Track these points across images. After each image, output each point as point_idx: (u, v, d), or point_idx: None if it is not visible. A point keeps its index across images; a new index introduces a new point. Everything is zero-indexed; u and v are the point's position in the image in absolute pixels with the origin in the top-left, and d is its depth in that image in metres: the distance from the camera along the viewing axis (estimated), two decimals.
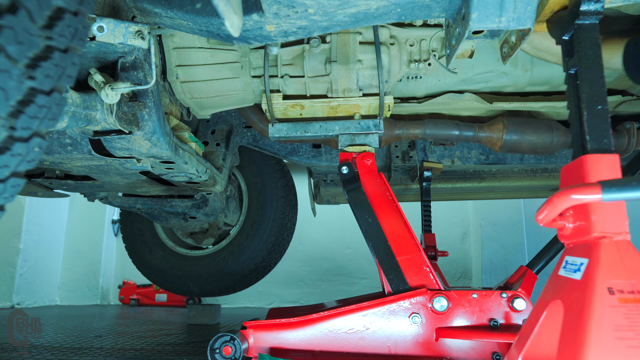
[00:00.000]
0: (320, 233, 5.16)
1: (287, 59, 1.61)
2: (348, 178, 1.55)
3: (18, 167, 0.66)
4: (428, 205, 2.10)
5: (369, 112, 1.64)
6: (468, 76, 1.74)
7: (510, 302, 1.28)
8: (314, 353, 1.29)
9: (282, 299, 5.12)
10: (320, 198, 2.66)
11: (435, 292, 1.31)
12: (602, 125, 0.89)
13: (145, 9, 1.08)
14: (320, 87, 1.63)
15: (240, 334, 1.27)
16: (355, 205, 1.49)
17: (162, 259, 2.65)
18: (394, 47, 1.59)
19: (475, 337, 1.24)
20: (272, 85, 1.62)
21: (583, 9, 0.93)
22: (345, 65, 1.56)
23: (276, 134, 1.67)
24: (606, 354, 0.70)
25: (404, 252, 1.40)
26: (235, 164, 2.21)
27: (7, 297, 4.58)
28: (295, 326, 1.31)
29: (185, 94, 1.68)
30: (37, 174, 1.74)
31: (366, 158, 1.58)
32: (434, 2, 1.03)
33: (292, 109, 1.64)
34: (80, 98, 1.07)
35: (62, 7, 0.67)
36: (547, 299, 0.87)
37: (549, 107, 1.77)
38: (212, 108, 1.81)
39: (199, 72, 1.63)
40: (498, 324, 1.27)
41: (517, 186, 2.43)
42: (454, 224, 5.10)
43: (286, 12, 1.01)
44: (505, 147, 1.75)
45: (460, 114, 1.91)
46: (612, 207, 0.81)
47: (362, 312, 1.32)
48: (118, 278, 5.60)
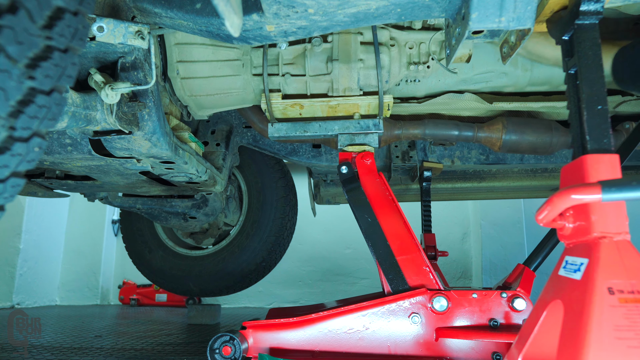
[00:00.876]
0: (320, 233, 5.16)
1: (288, 58, 1.62)
2: (348, 178, 1.55)
3: (18, 167, 0.66)
4: (428, 205, 2.10)
5: (369, 112, 1.64)
6: (468, 76, 1.74)
7: (510, 302, 1.28)
8: (314, 353, 1.29)
9: (282, 299, 5.12)
10: (320, 198, 2.66)
11: (435, 292, 1.31)
12: (602, 125, 0.89)
13: (145, 9, 1.08)
14: (321, 87, 1.63)
15: (240, 334, 1.27)
16: (354, 205, 1.49)
17: (162, 259, 2.65)
18: (394, 49, 1.60)
19: (476, 337, 1.24)
20: (272, 84, 1.62)
21: (583, 9, 0.93)
22: (346, 63, 1.56)
23: (275, 133, 1.68)
24: (606, 354, 0.70)
25: (403, 252, 1.40)
26: (235, 164, 2.21)
27: (7, 297, 4.58)
28: (295, 326, 1.31)
29: (184, 90, 1.67)
30: (37, 174, 1.74)
31: (366, 158, 1.58)
32: (433, 2, 1.03)
33: (291, 109, 1.64)
34: (80, 98, 1.07)
35: (62, 7, 0.67)
36: (547, 299, 0.87)
37: (549, 107, 1.77)
38: (210, 108, 1.80)
39: (200, 69, 1.63)
40: (498, 323, 1.27)
41: (517, 186, 2.44)
42: (454, 224, 5.10)
43: (286, 12, 1.01)
44: (505, 147, 1.75)
45: (460, 114, 1.91)
46: (612, 207, 0.81)
47: (362, 312, 1.31)
48: (118, 278, 5.60)
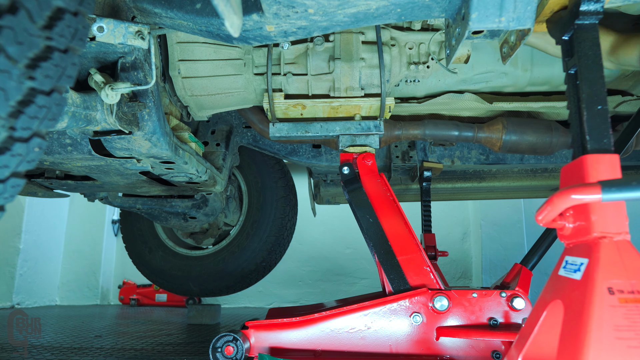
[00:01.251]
0: (320, 233, 5.16)
1: (290, 58, 1.62)
2: (349, 178, 1.56)
3: (18, 168, 0.66)
4: (428, 205, 2.10)
5: (370, 113, 1.64)
6: (468, 76, 1.74)
7: (509, 302, 1.29)
8: (315, 352, 1.29)
9: (282, 299, 5.12)
10: (320, 198, 2.66)
11: (435, 291, 1.31)
12: (602, 125, 0.89)
13: (145, 9, 1.08)
14: (322, 86, 1.63)
15: (242, 333, 1.27)
16: (356, 206, 1.49)
17: (162, 259, 2.65)
18: (395, 49, 1.60)
19: (476, 336, 1.24)
20: (274, 83, 1.62)
21: (583, 9, 0.93)
22: (348, 62, 1.56)
23: (277, 133, 1.68)
24: (606, 354, 0.70)
25: (404, 252, 1.40)
26: (235, 164, 2.21)
27: (7, 297, 4.58)
28: (297, 326, 1.31)
29: (185, 90, 1.66)
30: (37, 174, 1.74)
31: (367, 159, 1.58)
32: (433, 2, 1.03)
33: (293, 109, 1.64)
34: (80, 98, 1.07)
35: (62, 7, 0.67)
36: (547, 298, 0.87)
37: (549, 107, 1.77)
38: (211, 108, 1.80)
39: (201, 68, 1.62)
40: (498, 322, 1.28)
41: (517, 186, 2.44)
42: (454, 224, 5.10)
43: (286, 12, 1.01)
44: (505, 148, 1.75)
45: (460, 114, 1.91)
46: (612, 207, 0.81)
47: (364, 311, 1.32)
48: (118, 278, 5.60)
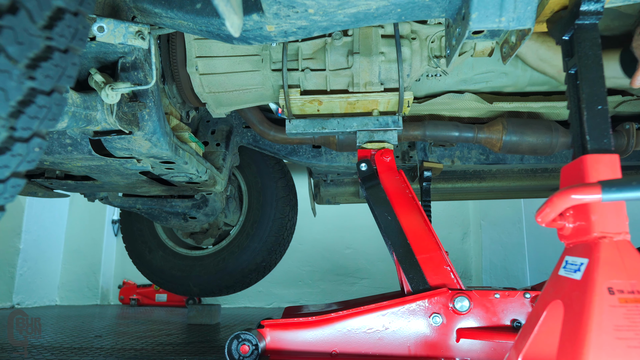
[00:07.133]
0: (320, 233, 5.15)
1: (307, 53, 1.58)
2: (366, 175, 1.52)
3: (18, 168, 0.66)
4: (428, 205, 2.10)
5: (388, 109, 1.61)
6: (468, 76, 1.74)
7: (533, 302, 1.24)
8: (332, 353, 1.27)
9: (282, 299, 5.11)
10: (320, 198, 2.66)
11: (456, 291, 1.27)
12: (602, 125, 0.89)
13: (146, 9, 1.08)
14: (340, 82, 1.59)
15: (258, 332, 1.25)
16: (373, 203, 1.45)
17: (162, 259, 2.65)
18: (416, 42, 1.55)
19: (498, 339, 1.20)
20: (292, 79, 1.59)
21: (583, 9, 0.93)
22: (367, 57, 1.52)
23: (293, 130, 1.64)
24: (606, 354, 0.70)
25: (424, 250, 1.36)
26: (235, 164, 2.21)
27: (7, 297, 4.58)
28: (313, 325, 1.28)
29: (203, 87, 1.63)
30: (37, 174, 1.74)
31: (385, 155, 1.55)
32: (433, 2, 1.03)
33: (309, 105, 1.61)
34: (81, 98, 1.07)
35: (62, 7, 0.67)
36: (547, 299, 0.87)
37: (549, 107, 1.77)
38: (228, 105, 1.75)
39: (219, 64, 1.59)
40: (521, 324, 1.22)
41: (517, 186, 2.43)
42: (454, 224, 5.10)
43: (286, 12, 1.01)
44: (505, 148, 1.75)
45: (460, 114, 1.91)
46: (612, 207, 0.81)
47: (382, 311, 1.28)
48: (118, 278, 5.59)
